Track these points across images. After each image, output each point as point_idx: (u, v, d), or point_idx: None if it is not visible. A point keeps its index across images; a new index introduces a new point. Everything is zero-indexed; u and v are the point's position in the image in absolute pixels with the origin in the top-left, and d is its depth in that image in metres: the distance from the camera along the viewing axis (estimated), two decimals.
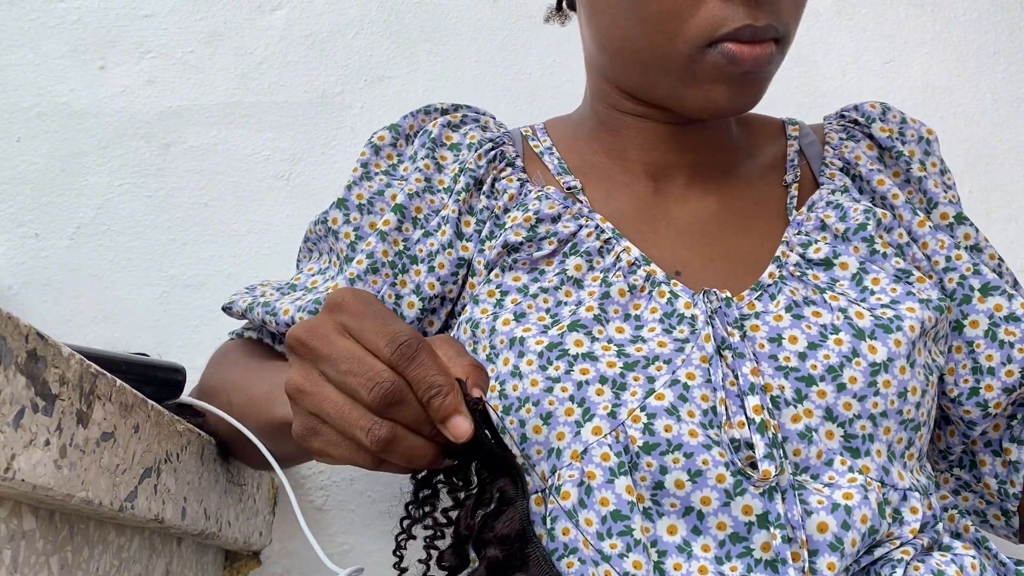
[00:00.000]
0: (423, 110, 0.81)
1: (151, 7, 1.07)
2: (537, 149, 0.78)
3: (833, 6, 1.11)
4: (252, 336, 0.78)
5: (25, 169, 1.02)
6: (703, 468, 0.56)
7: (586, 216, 0.70)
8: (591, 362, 0.60)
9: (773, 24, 0.62)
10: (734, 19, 0.62)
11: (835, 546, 0.54)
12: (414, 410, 0.46)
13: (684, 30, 0.63)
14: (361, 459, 0.48)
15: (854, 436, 0.59)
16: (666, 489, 0.56)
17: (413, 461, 0.48)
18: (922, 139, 0.77)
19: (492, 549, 0.48)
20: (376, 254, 0.71)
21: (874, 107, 0.78)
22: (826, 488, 0.57)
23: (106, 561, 0.55)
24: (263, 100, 1.05)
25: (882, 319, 0.62)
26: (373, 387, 0.45)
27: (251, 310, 0.73)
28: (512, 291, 0.67)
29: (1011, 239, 1.06)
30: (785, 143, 0.77)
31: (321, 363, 0.47)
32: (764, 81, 0.66)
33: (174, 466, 0.58)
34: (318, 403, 0.47)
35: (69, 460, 0.44)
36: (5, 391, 0.38)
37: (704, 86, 0.65)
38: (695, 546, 0.55)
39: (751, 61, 0.63)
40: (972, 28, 1.10)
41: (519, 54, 1.08)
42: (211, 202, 1.02)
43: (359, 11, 1.08)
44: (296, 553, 0.90)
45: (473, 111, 0.81)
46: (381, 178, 0.77)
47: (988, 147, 1.07)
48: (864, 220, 0.67)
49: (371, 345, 0.47)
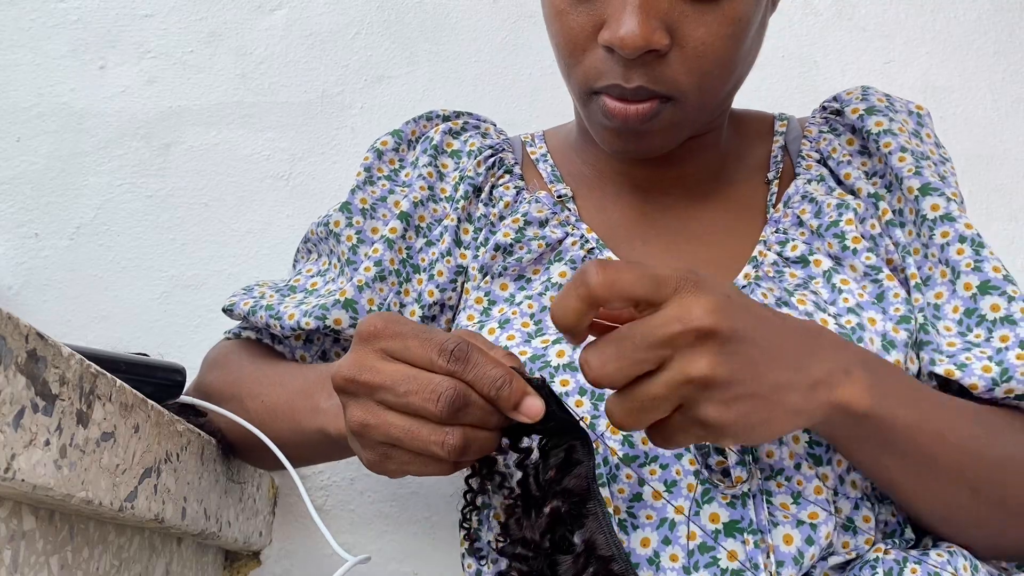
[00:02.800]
0: (425, 116, 0.82)
1: (151, 7, 1.07)
2: (534, 155, 0.78)
3: (833, 6, 1.11)
4: (251, 336, 0.78)
5: (25, 169, 1.02)
6: (676, 479, 0.57)
7: (572, 225, 0.71)
8: (571, 373, 0.61)
9: (647, 87, 0.60)
10: (609, 75, 0.61)
11: (797, 560, 0.55)
12: (479, 408, 0.47)
13: (573, 74, 0.64)
14: (439, 469, 0.49)
15: (818, 443, 0.59)
16: (644, 501, 0.57)
17: (486, 452, 0.49)
18: (912, 112, 0.75)
19: (557, 500, 0.49)
20: (384, 262, 0.72)
21: (851, 93, 0.76)
22: (793, 506, 0.57)
23: (106, 561, 0.55)
24: (263, 100, 1.05)
25: (845, 328, 0.61)
26: (439, 399, 0.46)
27: (253, 313, 0.74)
28: (499, 301, 0.68)
29: (1011, 239, 1.06)
30: (771, 141, 0.77)
31: (378, 393, 0.48)
32: (655, 134, 0.64)
33: (174, 466, 0.58)
34: (387, 431, 0.48)
35: (69, 460, 0.44)
36: (5, 391, 0.38)
37: (599, 131, 0.66)
38: (663, 556, 0.56)
39: (621, 119, 0.62)
40: (972, 28, 1.10)
41: (519, 54, 1.08)
42: (211, 202, 1.02)
43: (359, 11, 1.08)
44: (296, 553, 0.90)
45: (474, 118, 0.82)
46: (384, 183, 0.78)
47: (988, 147, 1.07)
48: (837, 216, 0.67)
49: (422, 361, 0.47)
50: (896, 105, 0.74)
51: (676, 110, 0.62)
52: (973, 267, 0.64)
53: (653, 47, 0.58)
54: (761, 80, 1.09)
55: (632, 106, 0.61)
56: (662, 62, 0.60)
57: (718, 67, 0.61)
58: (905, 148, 0.70)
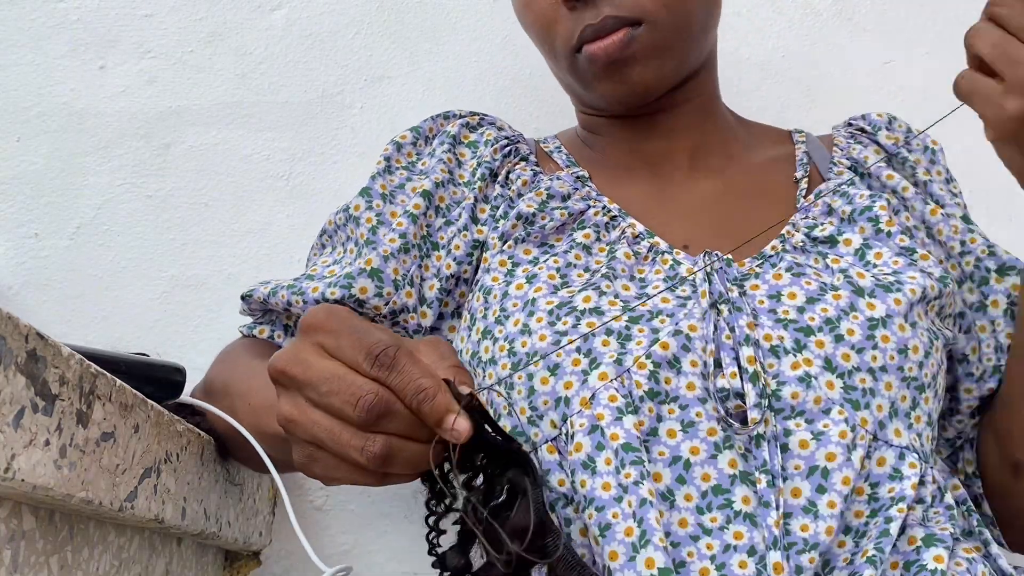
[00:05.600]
0: (442, 115, 0.84)
1: (151, 7, 1.07)
2: (547, 149, 0.82)
3: (833, 6, 1.11)
4: (265, 332, 0.78)
5: (25, 169, 1.02)
6: (696, 420, 0.58)
7: (594, 198, 0.73)
8: (598, 316, 0.62)
9: (612, 15, 0.67)
10: (579, 24, 0.68)
11: (808, 509, 0.56)
12: (405, 419, 0.45)
13: (555, 46, 0.71)
14: (363, 478, 0.47)
15: (854, 388, 0.59)
16: (658, 437, 0.58)
17: (417, 468, 0.47)
18: (927, 148, 0.79)
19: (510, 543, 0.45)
20: (408, 235, 0.73)
21: (880, 116, 0.80)
22: (812, 441, 0.57)
23: (106, 561, 0.55)
24: (263, 100, 1.05)
25: (883, 280, 0.63)
26: (357, 402, 0.44)
27: (274, 294, 0.74)
28: (523, 263, 0.70)
29: (1011, 239, 1.06)
30: (793, 147, 0.80)
31: (304, 389, 0.46)
32: (638, 61, 0.69)
33: (174, 466, 0.58)
34: (309, 430, 0.46)
35: (69, 460, 0.44)
36: (5, 391, 0.38)
37: (592, 85, 0.71)
38: (678, 495, 0.56)
39: (604, 55, 0.68)
40: None
41: (519, 54, 1.08)
42: (211, 202, 1.02)
43: (359, 11, 1.08)
44: (296, 553, 0.90)
45: (490, 117, 0.85)
46: (402, 172, 0.80)
47: (988, 147, 1.06)
48: (870, 203, 0.69)
49: (350, 361, 0.46)
50: (912, 144, 0.78)
51: (650, 33, 0.68)
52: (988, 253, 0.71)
53: None
54: (762, 80, 1.09)
55: (607, 39, 0.68)
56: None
57: None
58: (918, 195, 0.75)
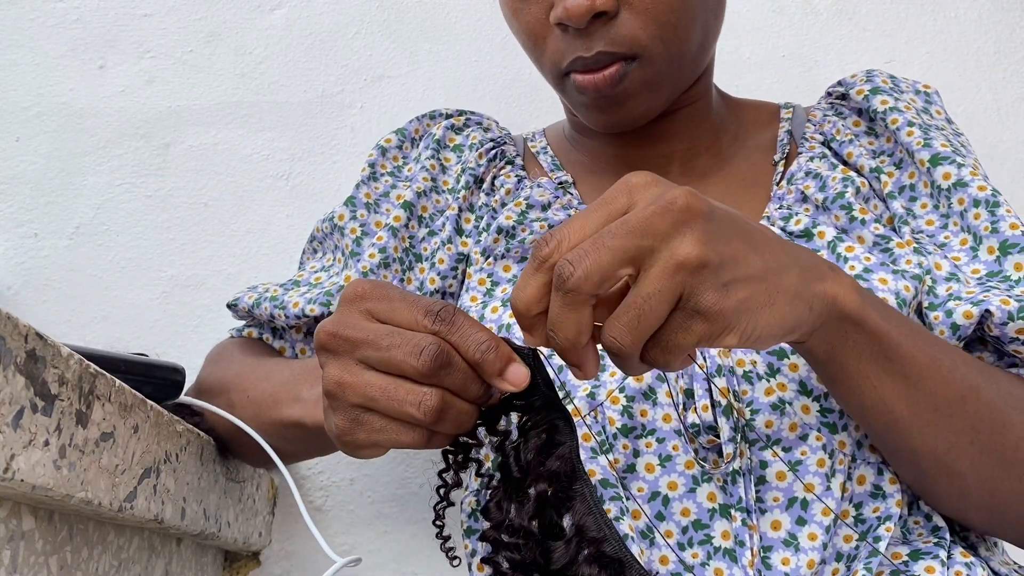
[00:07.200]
0: (428, 115, 0.83)
1: (151, 7, 1.07)
2: (534, 149, 0.80)
3: (833, 6, 1.11)
4: (253, 333, 0.78)
5: (25, 169, 1.02)
6: (673, 454, 0.57)
7: (575, 208, 0.72)
8: None
9: (606, 50, 0.62)
10: (570, 51, 0.64)
11: (789, 542, 0.55)
12: (461, 372, 0.45)
13: (543, 63, 0.67)
14: (410, 438, 0.46)
15: (830, 411, 0.59)
16: (636, 473, 0.57)
17: (461, 428, 0.47)
18: (919, 92, 0.75)
19: (543, 483, 0.47)
20: (388, 249, 0.73)
21: (855, 76, 0.76)
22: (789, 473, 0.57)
23: (105, 561, 0.55)
24: (263, 100, 1.05)
25: None
26: (421, 352, 0.44)
27: (258, 305, 0.75)
28: (503, 282, 0.69)
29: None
30: (778, 126, 0.77)
31: (359, 349, 0.46)
32: (631, 97, 0.65)
33: (173, 466, 0.58)
34: (363, 390, 0.46)
35: (68, 460, 0.44)
36: (4, 391, 0.38)
37: (580, 111, 0.68)
38: (657, 532, 0.56)
39: (593, 89, 0.64)
40: (972, 28, 1.10)
41: (519, 54, 1.07)
42: (211, 202, 1.02)
43: (359, 11, 1.08)
44: (296, 553, 0.90)
45: (477, 116, 0.83)
46: (387, 179, 0.79)
47: (988, 147, 1.07)
48: (842, 188, 0.67)
49: (407, 321, 0.46)
50: (901, 85, 0.75)
51: (644, 68, 0.64)
52: (991, 230, 0.64)
53: (599, 9, 0.61)
54: (762, 80, 1.09)
55: (599, 74, 0.63)
56: (615, 23, 0.62)
57: (674, 15, 0.63)
58: (913, 123, 0.69)
